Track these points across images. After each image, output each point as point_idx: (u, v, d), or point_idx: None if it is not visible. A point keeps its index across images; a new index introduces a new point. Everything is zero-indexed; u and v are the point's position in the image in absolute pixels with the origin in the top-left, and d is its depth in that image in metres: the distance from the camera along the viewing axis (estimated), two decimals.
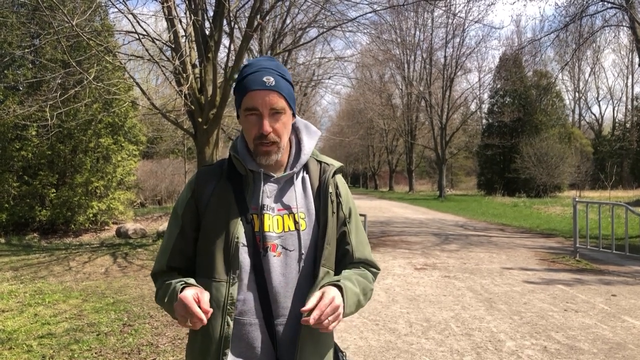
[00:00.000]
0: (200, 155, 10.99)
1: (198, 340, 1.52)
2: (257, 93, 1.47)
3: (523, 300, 6.34)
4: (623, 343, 4.69)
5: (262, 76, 1.48)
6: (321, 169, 1.62)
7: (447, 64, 36.27)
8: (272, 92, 1.47)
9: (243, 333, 1.49)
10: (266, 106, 1.47)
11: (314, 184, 1.59)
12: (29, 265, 8.95)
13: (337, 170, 1.65)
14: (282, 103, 1.49)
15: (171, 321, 5.47)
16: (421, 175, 62.10)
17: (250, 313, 1.49)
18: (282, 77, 1.52)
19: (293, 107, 1.56)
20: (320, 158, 1.66)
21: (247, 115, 1.50)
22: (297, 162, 1.59)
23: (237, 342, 1.49)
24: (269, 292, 1.49)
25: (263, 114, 1.48)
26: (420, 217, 19.36)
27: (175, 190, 27.80)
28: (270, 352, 1.50)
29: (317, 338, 1.51)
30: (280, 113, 1.50)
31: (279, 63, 1.58)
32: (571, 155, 34.46)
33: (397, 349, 4.56)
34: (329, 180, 1.59)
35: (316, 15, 14.48)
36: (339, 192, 1.62)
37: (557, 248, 10.93)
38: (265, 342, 1.49)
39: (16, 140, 12.58)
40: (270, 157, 1.51)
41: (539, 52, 21.07)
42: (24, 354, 4.45)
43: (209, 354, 1.48)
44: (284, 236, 1.52)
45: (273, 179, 1.56)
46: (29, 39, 12.87)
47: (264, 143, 1.49)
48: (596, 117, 60.95)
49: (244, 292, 1.49)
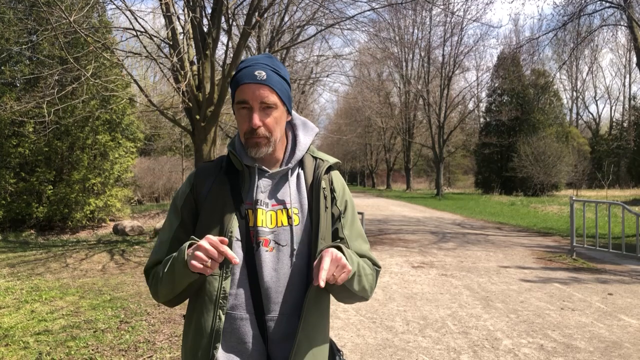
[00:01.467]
0: (197, 152, 10.98)
1: (190, 335, 1.52)
2: (248, 86, 1.48)
3: (520, 298, 6.36)
4: (619, 342, 4.70)
5: (254, 70, 1.49)
6: (316, 165, 1.63)
7: (445, 63, 36.30)
8: (263, 86, 1.48)
9: (234, 328, 1.49)
10: (256, 100, 1.48)
11: (308, 179, 1.60)
12: (26, 262, 8.93)
13: (332, 166, 1.65)
14: (273, 98, 1.49)
15: (168, 318, 5.47)
16: (419, 173, 62.17)
17: (242, 307, 1.49)
18: (276, 72, 1.52)
19: (287, 102, 1.56)
20: (316, 154, 1.66)
21: (239, 109, 1.52)
22: (292, 158, 1.60)
23: (228, 337, 1.49)
24: (260, 287, 1.49)
25: (253, 108, 1.48)
26: (417, 216, 19.38)
27: (173, 187, 27.79)
28: (261, 348, 1.49)
29: (313, 335, 1.50)
30: (272, 108, 1.50)
31: (276, 60, 1.58)
32: (568, 154, 34.52)
33: (393, 347, 4.56)
34: (321, 175, 1.59)
35: (314, 12, 14.47)
36: (333, 188, 1.62)
37: (554, 247, 10.95)
38: (256, 337, 1.49)
39: (13, 137, 12.55)
40: (259, 150, 1.51)
41: (537, 51, 21.04)
42: (20, 351, 4.44)
43: (201, 348, 1.48)
44: (277, 231, 1.52)
45: (268, 175, 1.56)
46: (27, 35, 12.83)
47: (254, 137, 1.50)
48: (593, 117, 61.08)
49: (236, 286, 1.49)
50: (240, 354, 1.49)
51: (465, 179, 58.62)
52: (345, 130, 43.84)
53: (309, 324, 1.48)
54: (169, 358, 4.30)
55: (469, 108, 41.66)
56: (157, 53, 11.47)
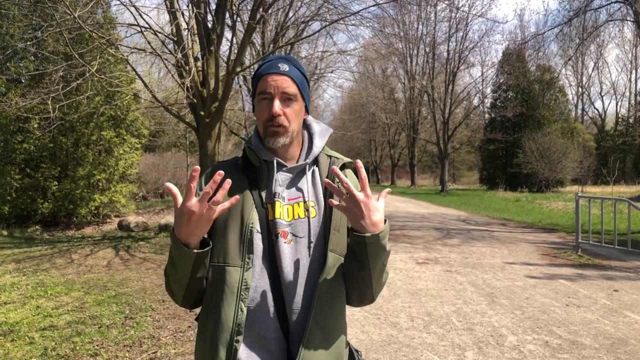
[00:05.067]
0: (202, 148, 10.98)
1: (209, 328, 1.49)
2: (270, 76, 1.53)
3: (525, 295, 6.34)
4: (625, 338, 4.68)
5: (277, 63, 1.56)
6: (330, 162, 1.66)
7: (450, 58, 36.21)
8: (284, 76, 1.53)
9: (254, 321, 1.47)
10: (278, 88, 1.52)
11: (323, 175, 1.62)
12: (31, 257, 8.97)
13: (346, 165, 1.68)
14: (293, 89, 1.54)
15: (173, 314, 5.48)
16: (423, 169, 62.10)
17: (263, 300, 1.48)
18: (297, 68, 1.58)
19: (306, 98, 1.61)
20: (330, 153, 1.70)
21: (260, 100, 1.55)
22: (309, 155, 1.63)
23: (249, 331, 1.47)
24: (280, 279, 1.49)
25: (274, 96, 1.52)
26: (422, 212, 19.35)
27: (178, 183, 27.78)
28: (282, 342, 1.48)
29: (325, 324, 1.48)
30: (292, 100, 1.54)
31: (296, 59, 1.64)
32: (574, 151, 34.36)
33: (398, 343, 4.56)
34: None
35: (319, 8, 14.44)
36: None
37: (559, 243, 10.92)
38: (277, 331, 1.47)
39: (18, 133, 12.59)
40: (277, 139, 1.53)
41: (543, 47, 20.95)
42: (26, 346, 4.46)
43: (221, 342, 1.45)
44: (294, 224, 1.53)
45: (286, 169, 1.58)
46: (31, 31, 12.85)
47: (273, 125, 1.52)
48: (599, 112, 60.86)
49: (256, 279, 1.48)
50: (261, 348, 1.47)
51: (470, 175, 58.51)
52: (349, 126, 43.83)
53: (321, 313, 1.47)
54: (174, 354, 4.31)
55: (473, 104, 41.58)
56: (161, 49, 11.45)
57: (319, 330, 1.47)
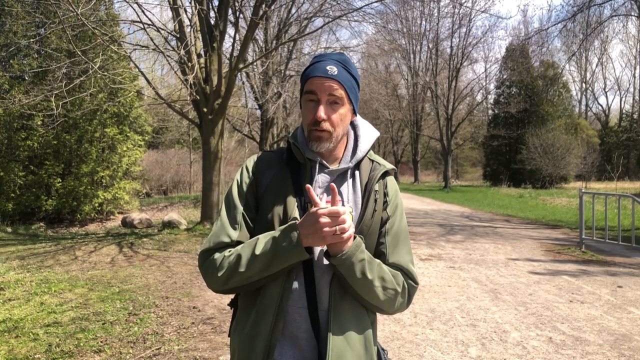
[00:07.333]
0: (205, 145, 10.99)
1: (248, 325, 1.50)
2: (318, 79, 1.50)
3: (528, 291, 6.33)
4: (629, 334, 4.67)
5: (326, 65, 1.51)
6: (372, 167, 1.63)
7: (453, 54, 36.11)
8: (332, 80, 1.49)
9: (288, 320, 1.48)
10: (324, 92, 1.49)
11: (363, 180, 1.60)
12: (35, 254, 8.99)
13: (388, 172, 1.65)
14: (340, 93, 1.50)
15: (176, 310, 5.49)
16: (426, 166, 62.03)
17: (297, 300, 1.48)
18: (347, 70, 1.54)
19: (354, 101, 1.57)
20: (373, 157, 1.66)
21: (307, 100, 1.53)
22: (352, 158, 1.60)
23: (284, 330, 1.48)
24: (314, 280, 1.49)
25: (320, 100, 1.49)
26: (425, 208, 19.33)
27: (181, 180, 27.86)
28: (312, 342, 1.48)
29: (348, 327, 1.48)
30: (338, 104, 1.51)
31: (348, 58, 1.59)
32: (577, 147, 34.30)
33: (401, 339, 4.56)
34: (376, 177, 1.59)
35: (322, 4, 14.40)
36: (386, 192, 1.62)
37: (562, 239, 10.89)
38: (308, 331, 1.48)
39: (22, 130, 12.62)
40: (321, 144, 1.52)
41: (546, 43, 20.96)
42: (30, 342, 4.48)
43: (260, 338, 1.46)
44: None
45: (328, 171, 1.57)
46: (34, 29, 12.87)
47: (317, 129, 1.50)
48: (603, 108, 60.66)
49: (292, 279, 1.49)
50: (293, 347, 1.49)
51: (473, 172, 58.44)
52: None
53: (341, 313, 1.47)
54: (177, 350, 4.32)
55: (477, 100, 41.52)
56: (164, 46, 11.46)
57: (340, 331, 1.47)
